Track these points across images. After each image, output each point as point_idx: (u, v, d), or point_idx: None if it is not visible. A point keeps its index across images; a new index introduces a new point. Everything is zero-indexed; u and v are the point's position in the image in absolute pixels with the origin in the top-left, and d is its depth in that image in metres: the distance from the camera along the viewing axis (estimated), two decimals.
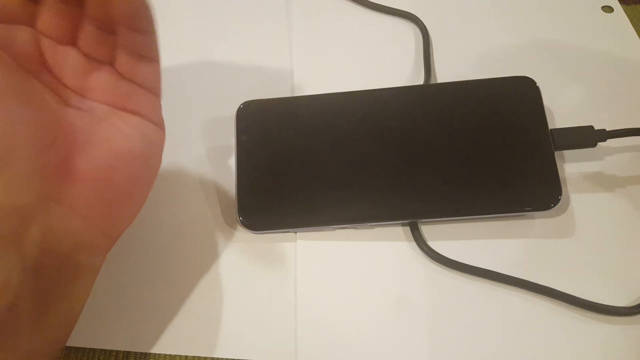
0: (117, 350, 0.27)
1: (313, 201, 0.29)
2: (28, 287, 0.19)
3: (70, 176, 0.21)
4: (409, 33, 0.37)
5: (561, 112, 0.32)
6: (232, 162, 0.31)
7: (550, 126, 0.29)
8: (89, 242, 0.21)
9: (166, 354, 0.27)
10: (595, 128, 0.29)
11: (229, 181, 0.31)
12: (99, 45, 0.23)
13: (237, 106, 0.31)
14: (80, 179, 0.21)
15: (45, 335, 0.20)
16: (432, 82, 0.34)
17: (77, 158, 0.21)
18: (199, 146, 0.32)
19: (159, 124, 0.25)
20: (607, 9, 0.37)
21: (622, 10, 0.36)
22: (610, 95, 0.33)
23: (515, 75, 0.30)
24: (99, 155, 0.22)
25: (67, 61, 0.23)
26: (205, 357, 0.27)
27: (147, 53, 0.23)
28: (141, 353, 0.27)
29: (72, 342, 0.26)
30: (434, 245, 0.28)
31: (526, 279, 0.27)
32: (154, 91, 0.24)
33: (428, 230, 0.29)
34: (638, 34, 0.35)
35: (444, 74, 0.34)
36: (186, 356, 0.27)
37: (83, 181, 0.21)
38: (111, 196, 0.22)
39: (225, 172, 0.32)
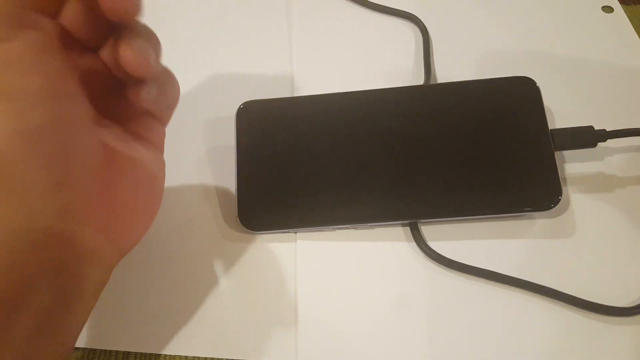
0: (117, 350, 0.27)
1: (313, 201, 0.29)
2: (48, 305, 0.19)
3: (103, 201, 0.21)
4: (409, 33, 0.37)
5: (561, 112, 0.32)
6: (232, 162, 0.31)
7: (550, 126, 0.29)
8: (106, 261, 0.22)
9: (166, 354, 0.27)
10: (595, 128, 0.29)
11: (229, 181, 0.31)
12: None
13: (237, 106, 0.31)
14: (112, 203, 0.22)
15: (59, 347, 0.21)
16: (432, 82, 0.34)
17: (114, 182, 0.22)
18: (199, 146, 0.32)
19: (162, 152, 0.26)
20: (607, 9, 0.37)
21: (622, 11, 0.36)
22: (610, 95, 0.33)
23: (515, 75, 0.30)
24: (130, 180, 0.22)
25: (91, 69, 0.22)
26: (205, 357, 0.27)
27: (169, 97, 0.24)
28: (141, 353, 0.27)
29: None
30: (434, 245, 0.28)
31: (526, 279, 0.27)
32: (164, 122, 0.25)
33: (428, 230, 0.29)
34: (638, 34, 0.35)
35: (444, 74, 0.34)
36: (186, 356, 0.27)
37: (114, 205, 0.22)
38: (131, 218, 0.23)
39: (225, 172, 0.32)
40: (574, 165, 0.30)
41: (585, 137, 0.29)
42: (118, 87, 0.22)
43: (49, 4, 0.19)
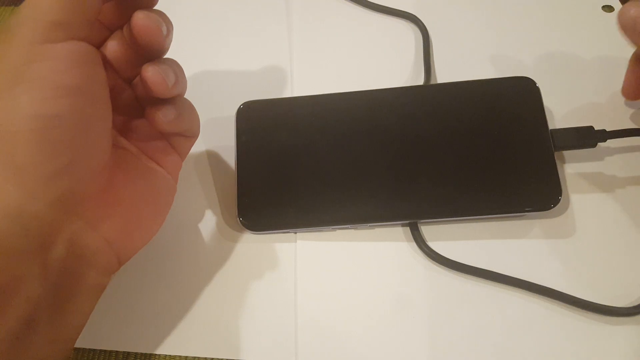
0: (117, 351, 0.27)
1: (313, 202, 0.29)
2: (46, 301, 0.19)
3: (105, 202, 0.22)
4: (409, 33, 0.37)
5: (561, 112, 0.32)
6: (232, 162, 0.31)
7: (550, 126, 0.29)
8: (104, 264, 0.22)
9: (166, 355, 0.27)
10: (595, 128, 0.29)
11: (229, 181, 0.31)
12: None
13: (237, 106, 0.31)
14: (114, 207, 0.22)
15: (55, 346, 0.21)
16: (432, 82, 0.34)
17: (119, 188, 0.23)
18: (199, 146, 0.32)
19: (175, 180, 0.27)
20: (607, 8, 0.37)
21: None
22: (610, 95, 0.33)
23: (515, 75, 0.30)
24: (136, 192, 0.24)
25: (121, 96, 0.24)
26: (205, 357, 0.27)
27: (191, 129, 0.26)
28: (141, 353, 0.27)
29: None
30: (434, 245, 0.28)
31: (526, 279, 0.27)
32: (181, 154, 0.27)
33: (428, 230, 0.29)
34: None
35: (444, 74, 0.34)
36: (186, 357, 0.27)
37: (116, 210, 0.23)
38: (133, 228, 0.24)
39: (225, 172, 0.32)
40: (574, 165, 0.30)
41: (585, 137, 0.29)
42: (140, 112, 0.25)
43: (100, 32, 0.23)
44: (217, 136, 0.33)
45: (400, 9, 0.37)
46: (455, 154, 0.29)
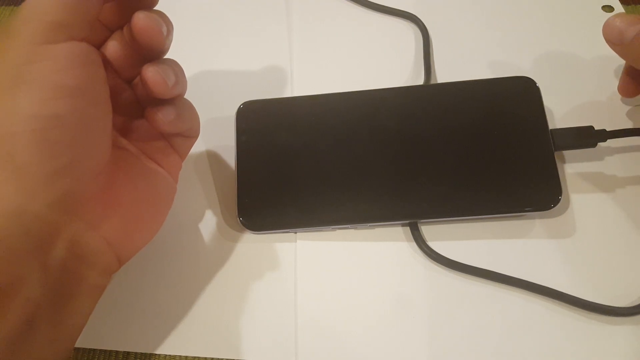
0: (117, 351, 0.27)
1: (313, 201, 0.29)
2: (46, 301, 0.19)
3: (105, 202, 0.22)
4: (409, 33, 0.37)
5: (561, 112, 0.32)
6: (232, 162, 0.31)
7: (550, 126, 0.29)
8: (104, 264, 0.22)
9: (166, 354, 0.27)
10: (595, 128, 0.29)
11: (229, 181, 0.31)
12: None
13: (237, 106, 0.31)
14: (114, 208, 0.22)
15: (55, 346, 0.21)
16: (432, 82, 0.34)
17: (119, 188, 0.23)
18: (199, 146, 0.32)
19: (175, 181, 0.27)
20: (608, 8, 0.37)
21: (623, 10, 0.36)
22: (610, 95, 0.33)
23: (515, 75, 0.30)
24: (136, 193, 0.24)
25: (121, 96, 0.25)
26: (205, 357, 0.27)
27: (192, 129, 0.26)
28: (141, 353, 0.27)
29: None
30: (434, 245, 0.28)
31: (526, 279, 0.27)
32: (181, 154, 0.27)
33: (428, 230, 0.29)
34: None
35: (444, 74, 0.34)
36: (186, 356, 0.27)
37: (116, 211, 0.23)
38: (133, 228, 0.24)
39: (225, 172, 0.32)
40: (574, 165, 0.30)
41: (585, 137, 0.29)
42: (140, 112, 0.25)
43: (100, 32, 0.23)
44: (217, 136, 0.33)
45: (400, 9, 0.37)
46: (455, 154, 0.29)
